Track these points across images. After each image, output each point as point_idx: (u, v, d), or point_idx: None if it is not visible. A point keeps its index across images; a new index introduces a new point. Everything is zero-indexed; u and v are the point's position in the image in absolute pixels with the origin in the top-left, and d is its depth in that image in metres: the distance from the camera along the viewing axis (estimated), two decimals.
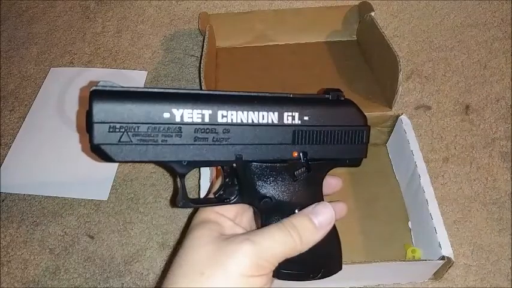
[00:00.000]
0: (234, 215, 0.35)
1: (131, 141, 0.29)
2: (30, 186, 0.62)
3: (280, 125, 0.33)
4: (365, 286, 0.52)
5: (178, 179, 0.33)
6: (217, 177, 0.40)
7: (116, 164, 0.64)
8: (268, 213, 0.34)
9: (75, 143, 0.66)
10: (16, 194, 0.61)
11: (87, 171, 0.63)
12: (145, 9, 0.87)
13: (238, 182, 0.34)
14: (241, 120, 0.32)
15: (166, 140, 0.30)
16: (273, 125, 0.33)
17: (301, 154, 0.34)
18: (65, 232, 0.57)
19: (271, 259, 0.30)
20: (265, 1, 0.87)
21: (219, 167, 0.36)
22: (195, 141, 0.31)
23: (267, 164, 0.34)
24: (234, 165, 0.33)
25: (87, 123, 0.29)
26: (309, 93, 0.36)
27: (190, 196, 0.35)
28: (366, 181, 0.61)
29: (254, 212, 0.36)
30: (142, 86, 0.73)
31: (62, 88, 0.73)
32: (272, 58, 0.72)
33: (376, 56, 0.67)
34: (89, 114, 0.28)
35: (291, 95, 0.34)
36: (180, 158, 0.31)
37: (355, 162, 0.37)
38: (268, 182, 0.34)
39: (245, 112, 0.32)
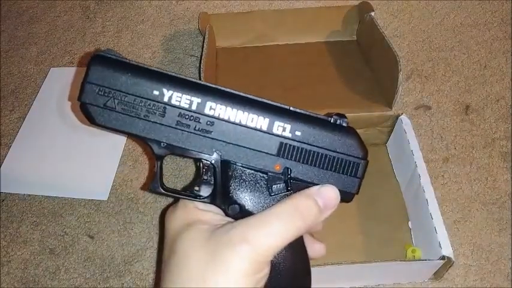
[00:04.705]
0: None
1: (115, 108, 0.31)
2: (30, 186, 0.62)
3: (268, 133, 0.32)
4: (365, 286, 0.52)
5: (156, 162, 0.33)
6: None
7: (116, 164, 0.64)
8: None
9: (76, 143, 0.66)
10: (16, 194, 0.61)
11: (87, 171, 0.63)
12: (145, 9, 0.87)
13: (214, 181, 0.33)
14: (229, 117, 0.32)
15: (148, 116, 0.31)
16: (260, 130, 0.32)
17: (284, 169, 0.33)
18: (65, 232, 0.57)
19: (270, 253, 0.30)
20: (265, 1, 0.87)
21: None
22: (176, 124, 0.31)
23: (247, 170, 0.33)
24: (213, 161, 0.32)
25: (81, 83, 0.31)
26: (313, 111, 0.34)
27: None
28: (366, 181, 0.60)
29: None
30: None
31: (62, 88, 0.73)
32: (272, 58, 0.72)
33: (376, 56, 0.67)
34: (85, 74, 0.31)
35: (291, 108, 0.33)
36: (159, 138, 0.32)
37: (345, 196, 0.34)
38: (243, 189, 0.33)
39: (234, 110, 0.31)
